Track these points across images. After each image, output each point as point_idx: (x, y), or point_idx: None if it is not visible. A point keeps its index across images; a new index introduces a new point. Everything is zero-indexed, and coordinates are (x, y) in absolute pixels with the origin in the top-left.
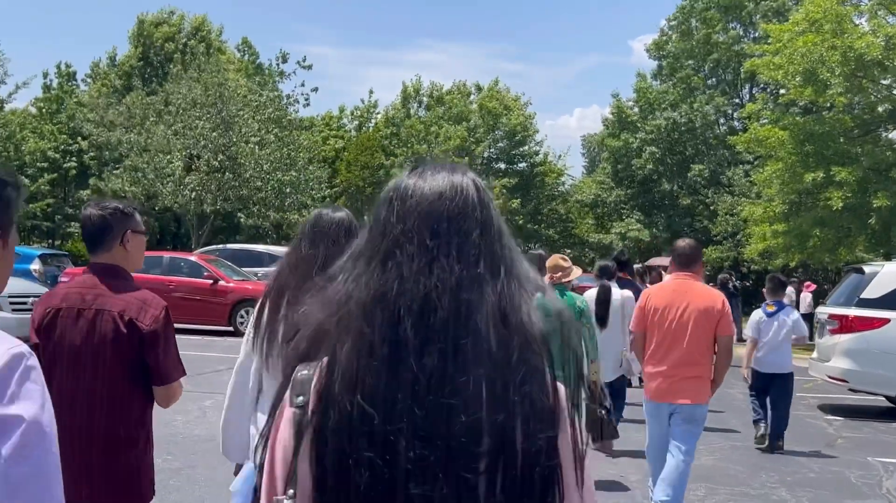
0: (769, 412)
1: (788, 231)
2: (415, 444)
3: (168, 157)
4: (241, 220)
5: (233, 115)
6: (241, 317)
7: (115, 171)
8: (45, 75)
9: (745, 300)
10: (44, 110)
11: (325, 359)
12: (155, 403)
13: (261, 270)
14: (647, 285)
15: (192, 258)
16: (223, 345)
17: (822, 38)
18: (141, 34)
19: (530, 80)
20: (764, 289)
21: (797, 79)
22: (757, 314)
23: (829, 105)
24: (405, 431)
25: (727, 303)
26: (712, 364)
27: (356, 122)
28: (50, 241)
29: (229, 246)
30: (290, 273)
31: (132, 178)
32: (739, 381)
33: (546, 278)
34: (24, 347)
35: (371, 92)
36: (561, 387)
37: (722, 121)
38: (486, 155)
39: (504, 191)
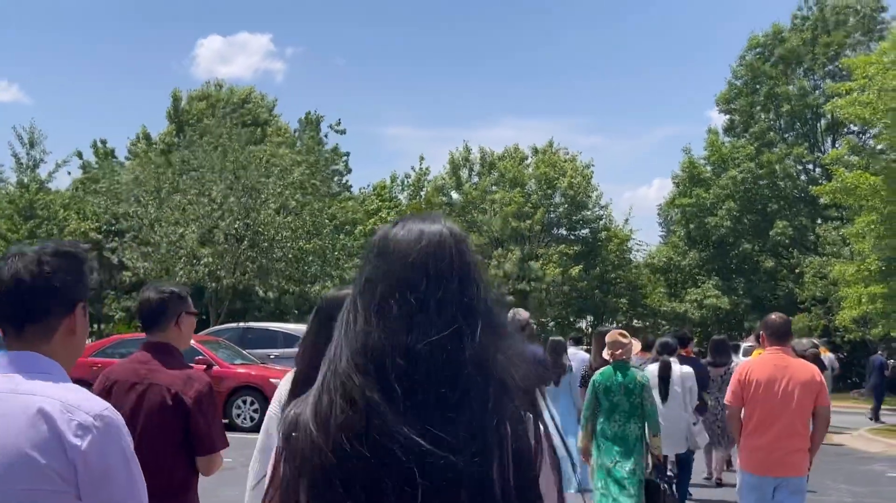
0: None
1: (889, 295)
2: (400, 487)
3: (182, 230)
4: (259, 293)
5: (254, 181)
6: (238, 407)
7: (125, 243)
8: (80, 155)
9: (838, 376)
10: (80, 190)
11: (311, 405)
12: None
13: (274, 352)
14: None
15: None
16: None
17: None
18: (176, 110)
19: (608, 152)
20: None
21: (888, 116)
22: None
23: None
24: (391, 475)
25: (822, 376)
26: (809, 435)
27: (406, 192)
28: (96, 325)
29: (242, 325)
30: (301, 357)
31: (143, 253)
32: None
33: (606, 355)
34: (113, 409)
35: (422, 159)
36: (532, 433)
37: (803, 177)
38: (545, 221)
39: (564, 258)
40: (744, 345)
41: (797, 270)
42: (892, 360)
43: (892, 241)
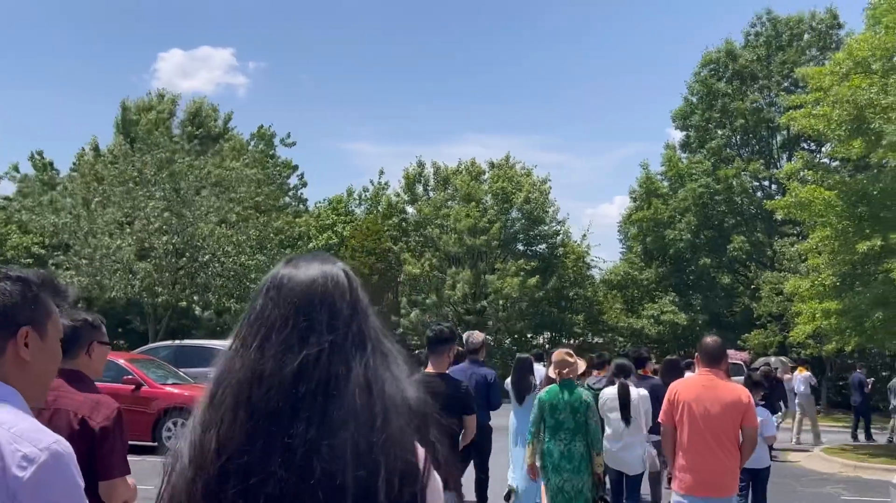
0: None
1: (843, 310)
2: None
3: (118, 242)
4: (196, 311)
5: (192, 194)
6: (168, 429)
7: (56, 257)
8: (17, 168)
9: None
10: (6, 209)
11: (199, 432)
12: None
13: (213, 370)
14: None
15: (115, 359)
16: (143, 466)
17: (870, 83)
18: (125, 121)
19: (572, 170)
20: None
21: (843, 128)
22: None
23: (883, 162)
24: (273, 495)
25: (751, 396)
26: (738, 455)
27: (364, 206)
28: None
29: (177, 342)
30: None
31: (76, 266)
32: None
33: (553, 374)
34: (64, 443)
35: (381, 172)
36: (421, 450)
37: (760, 194)
38: (501, 236)
39: (521, 273)
40: None
41: (753, 286)
42: (871, 378)
43: (846, 257)
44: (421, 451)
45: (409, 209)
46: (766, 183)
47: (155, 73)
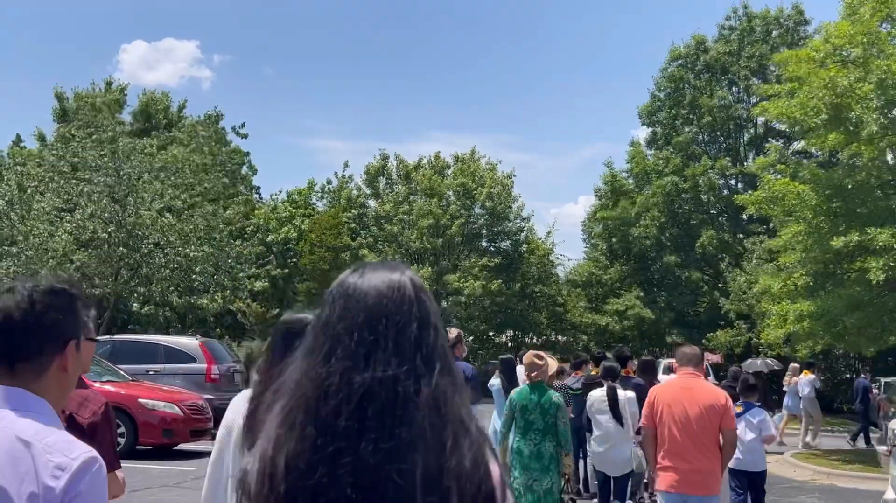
0: None
1: (816, 314)
2: None
3: (50, 228)
4: (134, 307)
5: (129, 176)
6: None
7: None
8: None
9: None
10: None
11: (268, 449)
12: None
13: (154, 367)
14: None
15: None
16: None
17: (848, 72)
18: (64, 111)
19: (536, 169)
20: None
21: (820, 117)
22: None
23: (859, 155)
24: None
25: (730, 399)
26: (719, 455)
27: (325, 199)
28: None
29: (117, 337)
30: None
31: (12, 255)
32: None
33: (524, 376)
34: (95, 453)
35: (346, 165)
36: (496, 473)
37: (727, 191)
38: (464, 232)
39: (484, 271)
40: (664, 362)
41: (721, 285)
42: (876, 383)
43: (819, 254)
44: (496, 474)
45: (371, 203)
46: (734, 181)
47: (118, 65)
